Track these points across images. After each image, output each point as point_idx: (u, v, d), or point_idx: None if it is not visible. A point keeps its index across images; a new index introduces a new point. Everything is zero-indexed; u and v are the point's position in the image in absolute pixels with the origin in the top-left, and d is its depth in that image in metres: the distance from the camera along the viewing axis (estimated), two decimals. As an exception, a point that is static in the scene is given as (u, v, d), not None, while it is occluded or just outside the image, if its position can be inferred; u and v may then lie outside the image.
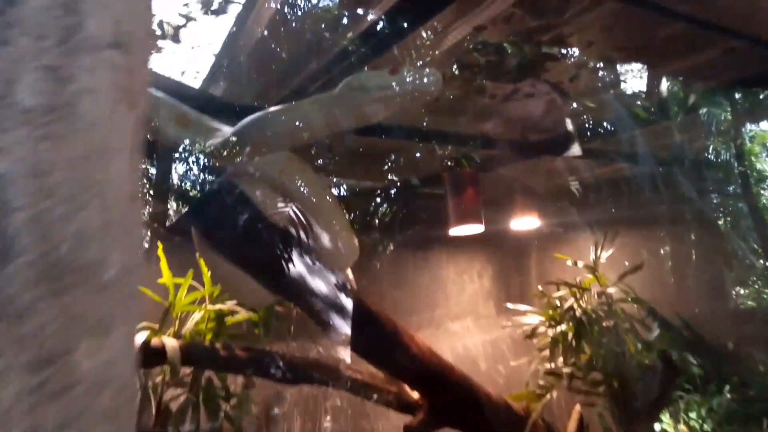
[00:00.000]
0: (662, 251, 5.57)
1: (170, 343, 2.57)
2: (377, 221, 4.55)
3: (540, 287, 3.86)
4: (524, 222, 4.66)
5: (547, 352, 3.49)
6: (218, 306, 2.77)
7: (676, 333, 4.29)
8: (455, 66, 2.75)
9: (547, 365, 3.45)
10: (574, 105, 3.49)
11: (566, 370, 3.36)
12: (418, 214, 4.73)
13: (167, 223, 3.30)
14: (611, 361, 3.21)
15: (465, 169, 3.58)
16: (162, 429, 2.66)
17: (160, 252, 2.67)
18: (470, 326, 5.08)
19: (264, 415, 3.46)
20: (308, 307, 2.23)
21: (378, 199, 4.55)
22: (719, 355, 4.32)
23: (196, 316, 2.79)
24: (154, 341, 2.56)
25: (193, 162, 3.05)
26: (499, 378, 4.66)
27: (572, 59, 2.99)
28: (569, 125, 3.73)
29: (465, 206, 3.54)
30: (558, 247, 4.93)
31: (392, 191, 4.49)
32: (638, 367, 3.22)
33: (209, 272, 2.67)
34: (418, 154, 4.07)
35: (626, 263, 3.60)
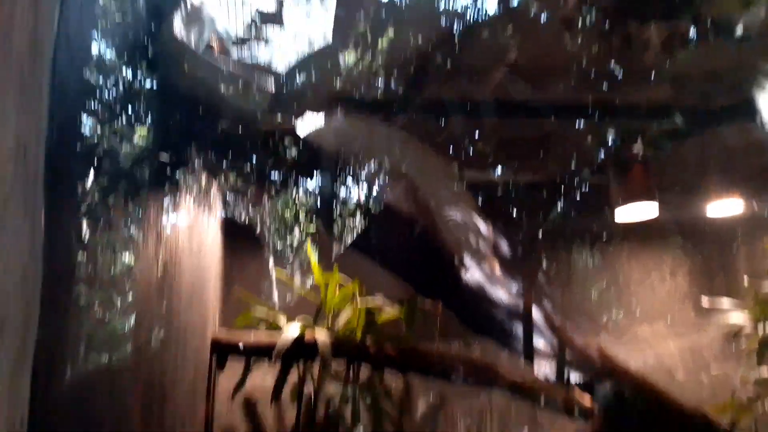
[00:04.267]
0: None
1: (322, 336, 2.64)
2: (542, 216, 4.22)
3: (746, 278, 3.23)
4: (724, 206, 3.96)
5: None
6: (368, 303, 2.79)
7: None
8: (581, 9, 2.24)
9: (758, 372, 2.84)
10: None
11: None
12: (587, 206, 4.28)
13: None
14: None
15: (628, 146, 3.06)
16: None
17: (309, 251, 2.77)
18: (663, 332, 4.40)
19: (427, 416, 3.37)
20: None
21: (542, 192, 4.22)
22: None
23: (347, 313, 2.83)
24: (308, 335, 2.66)
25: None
26: (702, 389, 3.94)
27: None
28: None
29: (632, 183, 3.03)
30: (772, 235, 4.07)
31: (556, 181, 4.12)
32: None
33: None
34: (575, 138, 3.66)
35: None
